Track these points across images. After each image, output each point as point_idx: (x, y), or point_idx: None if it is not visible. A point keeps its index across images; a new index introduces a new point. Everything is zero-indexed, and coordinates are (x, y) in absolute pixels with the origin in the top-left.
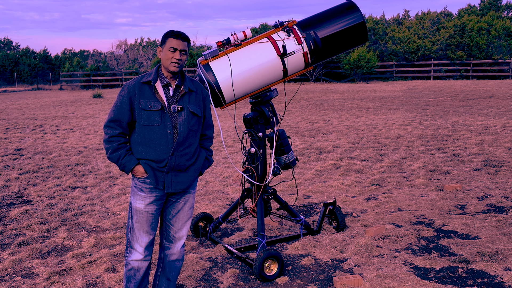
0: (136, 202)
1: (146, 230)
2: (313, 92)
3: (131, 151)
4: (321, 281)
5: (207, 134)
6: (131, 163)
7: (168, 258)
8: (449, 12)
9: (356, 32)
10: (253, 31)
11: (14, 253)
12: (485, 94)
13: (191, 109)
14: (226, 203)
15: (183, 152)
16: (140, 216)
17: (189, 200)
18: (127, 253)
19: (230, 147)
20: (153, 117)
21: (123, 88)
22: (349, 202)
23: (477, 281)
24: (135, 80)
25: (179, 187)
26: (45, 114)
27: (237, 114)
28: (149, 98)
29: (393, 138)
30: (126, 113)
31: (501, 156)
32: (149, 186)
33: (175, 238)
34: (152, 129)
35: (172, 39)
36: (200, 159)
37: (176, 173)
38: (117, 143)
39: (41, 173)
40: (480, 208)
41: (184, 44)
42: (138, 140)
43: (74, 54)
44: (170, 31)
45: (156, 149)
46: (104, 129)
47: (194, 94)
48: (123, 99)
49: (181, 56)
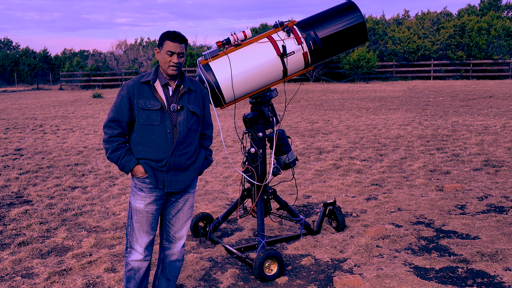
0: (136, 202)
1: (146, 230)
2: (313, 92)
3: (130, 151)
4: (321, 281)
5: (206, 134)
6: (131, 163)
7: (168, 258)
8: (449, 12)
9: (356, 32)
10: (253, 31)
11: (14, 253)
12: (485, 94)
13: (191, 109)
14: (226, 203)
15: (182, 151)
16: (140, 216)
17: (189, 199)
18: (127, 253)
19: (230, 147)
20: (153, 117)
21: (122, 88)
22: (349, 202)
23: (477, 281)
24: (134, 80)
25: (179, 187)
26: (45, 114)
27: (237, 114)
28: (149, 98)
29: (393, 138)
30: (126, 113)
31: (501, 156)
32: (149, 185)
33: (175, 238)
34: (152, 128)
35: (169, 42)
36: (199, 158)
37: (176, 172)
38: (116, 143)
39: (41, 173)
40: (480, 208)
41: (181, 47)
42: (138, 139)
43: (74, 54)
44: (167, 33)
45: (155, 148)
46: (104, 129)
47: (193, 94)
48: (122, 99)
49: (179, 59)
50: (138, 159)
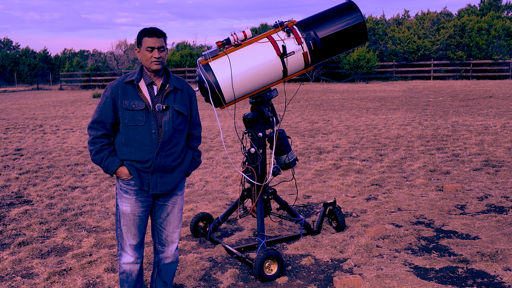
0: (122, 205)
1: (134, 233)
2: (313, 92)
3: (114, 152)
4: (321, 281)
5: (194, 134)
6: (114, 164)
7: (163, 261)
8: (449, 12)
9: (356, 32)
10: (253, 31)
11: (14, 253)
12: (485, 94)
13: (177, 108)
14: (226, 203)
15: (168, 152)
16: (126, 219)
17: (178, 202)
18: (119, 256)
19: (230, 147)
20: (137, 117)
21: (106, 88)
22: (349, 202)
23: (477, 281)
24: (118, 80)
25: (165, 188)
26: (45, 114)
27: (237, 114)
28: (133, 98)
29: (393, 138)
30: (110, 114)
31: (501, 156)
32: (134, 187)
33: (167, 242)
34: (136, 129)
35: (147, 39)
36: (186, 159)
37: (162, 174)
38: (100, 144)
39: (41, 173)
40: (480, 208)
41: (160, 41)
42: (122, 140)
43: (74, 54)
44: (143, 30)
45: (140, 149)
46: (88, 130)
47: (179, 93)
48: (106, 99)
49: (160, 54)
50: (123, 160)
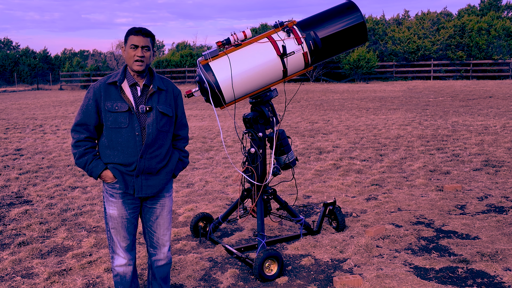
0: (109, 209)
1: (124, 235)
2: (313, 92)
3: (98, 156)
4: (321, 281)
5: (180, 135)
6: (98, 168)
7: (156, 264)
8: (449, 12)
9: (356, 32)
10: (253, 31)
11: (14, 253)
12: (485, 94)
13: (160, 109)
14: (226, 203)
15: (153, 154)
16: (114, 222)
17: (166, 204)
18: (112, 259)
19: (230, 147)
20: (120, 119)
21: (88, 90)
22: (349, 202)
23: (477, 281)
24: (101, 82)
25: (150, 191)
26: (45, 114)
27: (237, 114)
28: (116, 99)
29: (393, 138)
30: (93, 116)
31: (501, 156)
32: (119, 191)
33: (159, 244)
34: (120, 131)
35: (132, 36)
36: (172, 161)
37: (147, 176)
38: (83, 147)
39: (41, 173)
40: (480, 208)
41: (146, 40)
42: (106, 143)
43: (74, 54)
44: (131, 28)
45: (124, 152)
46: (71, 133)
47: (164, 93)
48: (89, 101)
49: (143, 53)
50: (107, 164)
